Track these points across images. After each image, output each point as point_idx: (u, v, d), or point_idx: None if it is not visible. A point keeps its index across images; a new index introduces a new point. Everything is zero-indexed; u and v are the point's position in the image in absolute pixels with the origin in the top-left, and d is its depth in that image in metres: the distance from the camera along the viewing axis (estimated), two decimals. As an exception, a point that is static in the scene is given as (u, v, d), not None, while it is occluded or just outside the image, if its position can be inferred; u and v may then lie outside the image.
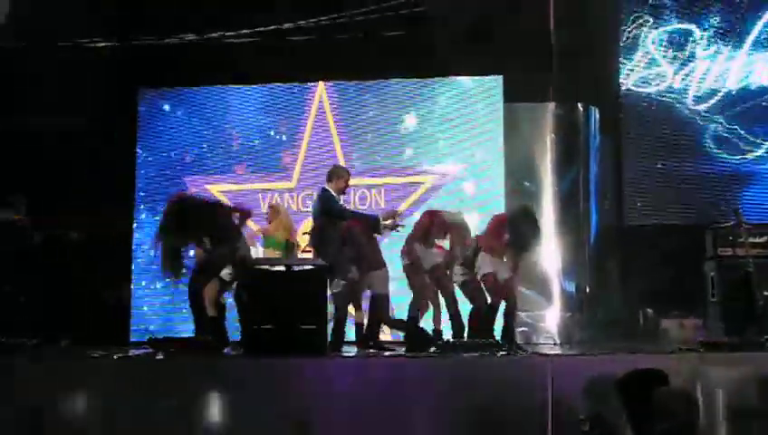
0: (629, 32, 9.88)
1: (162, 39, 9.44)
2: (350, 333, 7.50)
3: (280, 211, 8.40)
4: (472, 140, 9.30)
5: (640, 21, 9.89)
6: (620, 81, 9.84)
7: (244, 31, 9.38)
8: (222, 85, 9.91)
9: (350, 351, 7.08)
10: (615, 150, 9.81)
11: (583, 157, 9.35)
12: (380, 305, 7.14)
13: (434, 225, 7.25)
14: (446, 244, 7.35)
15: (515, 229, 7.23)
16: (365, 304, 7.39)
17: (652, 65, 9.84)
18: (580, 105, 9.36)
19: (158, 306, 9.60)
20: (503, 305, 7.21)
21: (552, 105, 9.23)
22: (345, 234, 7.08)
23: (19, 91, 9.27)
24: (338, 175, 7.53)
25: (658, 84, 9.81)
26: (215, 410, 5.69)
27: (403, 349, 7.05)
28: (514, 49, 9.03)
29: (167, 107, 9.97)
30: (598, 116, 9.50)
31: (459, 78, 9.44)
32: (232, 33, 9.44)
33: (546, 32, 9.18)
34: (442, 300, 7.24)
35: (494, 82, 9.26)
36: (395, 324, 7.56)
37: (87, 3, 9.30)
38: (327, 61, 9.51)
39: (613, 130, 9.78)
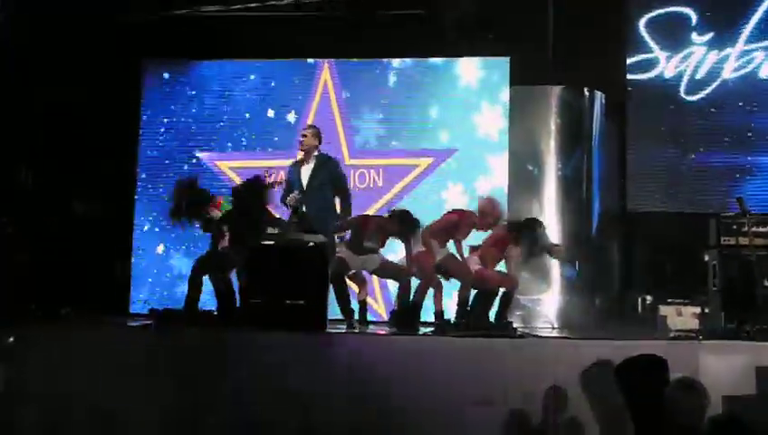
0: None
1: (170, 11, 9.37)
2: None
3: None
4: (476, 121, 9.25)
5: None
6: (627, 65, 9.78)
7: (254, 4, 9.30)
8: (227, 59, 9.85)
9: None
10: (620, 136, 9.77)
11: (587, 141, 9.31)
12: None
13: (460, 227, 7.21)
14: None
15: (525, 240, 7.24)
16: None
17: (649, 50, 9.77)
18: (585, 89, 9.32)
19: (157, 278, 9.62)
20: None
21: (557, 88, 9.19)
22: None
23: (21, 62, 9.22)
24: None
25: (660, 70, 9.75)
26: (211, 381, 5.71)
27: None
28: (521, 30, 8.99)
29: (169, 79, 9.91)
30: (603, 101, 9.45)
31: (465, 59, 9.37)
32: (239, 6, 9.37)
33: (555, 13, 9.14)
34: (443, 281, 7.25)
35: (501, 64, 9.20)
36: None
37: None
38: (333, 38, 9.45)
39: (618, 115, 9.74)
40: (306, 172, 7.45)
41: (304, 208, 7.30)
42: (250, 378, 5.67)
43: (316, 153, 7.56)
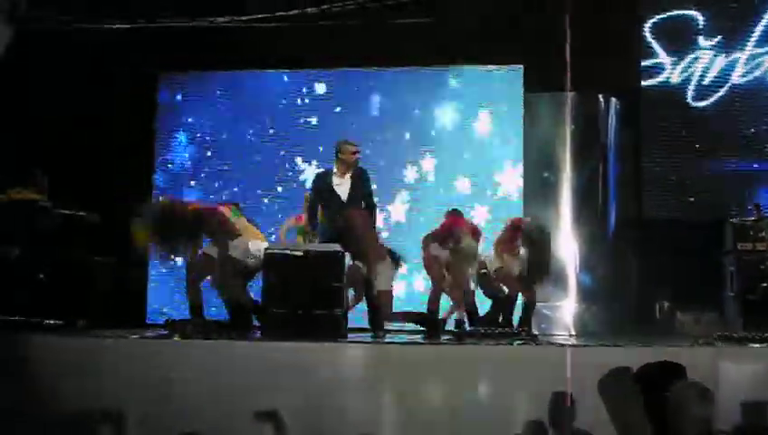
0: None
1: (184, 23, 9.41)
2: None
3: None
4: (492, 129, 9.26)
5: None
6: (641, 72, 9.76)
7: (264, 15, 9.33)
8: (241, 70, 9.91)
9: (366, 336, 7.10)
10: (635, 142, 9.75)
11: (602, 148, 9.30)
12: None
13: (453, 229, 7.22)
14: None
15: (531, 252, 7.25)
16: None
17: (657, 56, 9.76)
18: (600, 96, 9.30)
19: (173, 289, 9.65)
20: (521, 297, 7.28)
21: (572, 95, 9.18)
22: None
23: (38, 76, 9.30)
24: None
25: (667, 75, 9.73)
26: (229, 391, 5.71)
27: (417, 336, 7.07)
28: (536, 38, 8.99)
29: (185, 93, 9.98)
30: (618, 107, 9.43)
31: (480, 66, 9.39)
32: (249, 18, 9.40)
33: (569, 20, 9.12)
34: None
35: (516, 72, 9.21)
36: (400, 317, 7.58)
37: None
38: (345, 46, 9.49)
39: (633, 121, 9.71)
40: (345, 185, 7.35)
41: None
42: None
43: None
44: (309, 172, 9.39)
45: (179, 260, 7.51)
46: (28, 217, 7.50)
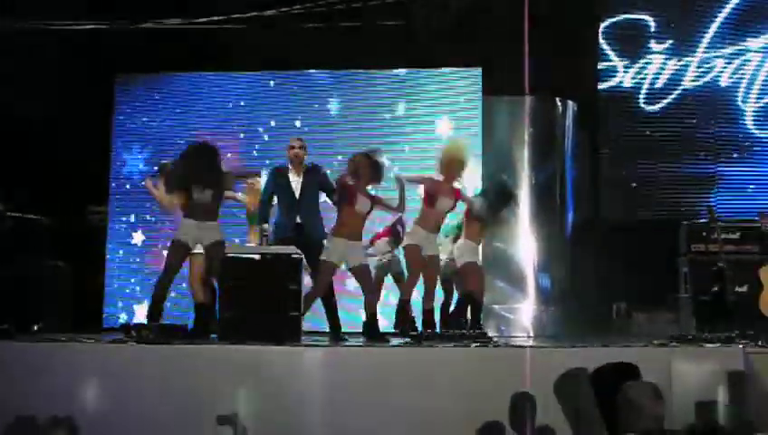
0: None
1: (139, 23, 9.33)
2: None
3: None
4: (450, 131, 9.29)
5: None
6: (598, 75, 9.89)
7: (234, 16, 9.28)
8: (202, 72, 9.84)
9: (323, 340, 7.08)
10: (592, 145, 9.87)
11: (560, 151, 9.39)
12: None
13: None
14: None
15: (489, 196, 7.23)
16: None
17: (610, 59, 9.89)
18: (557, 99, 9.40)
19: (128, 293, 9.56)
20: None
21: (529, 99, 9.26)
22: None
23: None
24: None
25: (620, 79, 9.87)
26: (181, 397, 5.66)
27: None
28: (494, 41, 9.06)
29: (143, 93, 9.88)
30: (575, 110, 9.53)
31: (439, 69, 9.43)
32: (216, 18, 9.34)
33: (526, 24, 9.19)
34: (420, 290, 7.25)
35: (474, 74, 9.26)
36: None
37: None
38: (314, 49, 9.48)
39: (590, 125, 9.83)
40: (296, 182, 7.43)
41: (298, 219, 7.32)
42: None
43: (304, 165, 7.55)
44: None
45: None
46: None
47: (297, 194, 7.38)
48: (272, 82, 9.77)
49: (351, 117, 9.53)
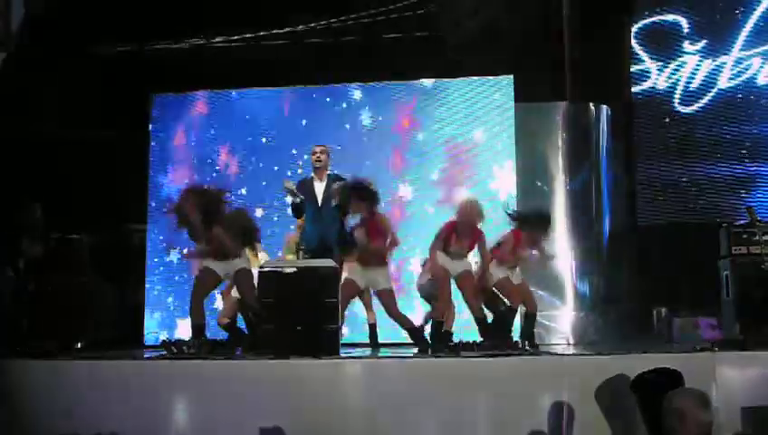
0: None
1: (175, 43, 9.46)
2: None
3: None
4: (484, 140, 9.26)
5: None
6: (632, 79, 9.82)
7: (261, 33, 9.37)
8: (234, 89, 9.91)
9: (363, 352, 7.08)
10: (627, 149, 9.78)
11: (595, 156, 9.32)
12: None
13: (454, 232, 7.18)
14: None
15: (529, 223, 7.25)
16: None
17: (643, 62, 9.80)
18: (591, 104, 9.33)
19: (168, 310, 9.64)
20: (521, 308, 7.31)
21: (563, 104, 9.21)
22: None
23: (32, 98, 9.33)
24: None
25: (653, 81, 9.78)
26: (225, 410, 5.69)
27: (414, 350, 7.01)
28: (525, 48, 9.03)
29: (178, 112, 9.98)
30: (609, 115, 9.46)
31: (470, 78, 9.40)
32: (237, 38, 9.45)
33: (558, 30, 9.18)
34: (456, 303, 7.26)
35: (506, 82, 9.22)
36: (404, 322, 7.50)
37: (98, 9, 9.35)
38: (340, 62, 9.52)
39: (625, 129, 9.75)
40: (320, 189, 7.55)
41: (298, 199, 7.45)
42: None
43: (328, 172, 7.64)
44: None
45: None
46: (21, 244, 7.51)
47: (320, 201, 7.46)
48: (314, 95, 9.76)
49: (381, 129, 9.50)
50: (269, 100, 9.85)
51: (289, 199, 7.71)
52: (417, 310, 8.14)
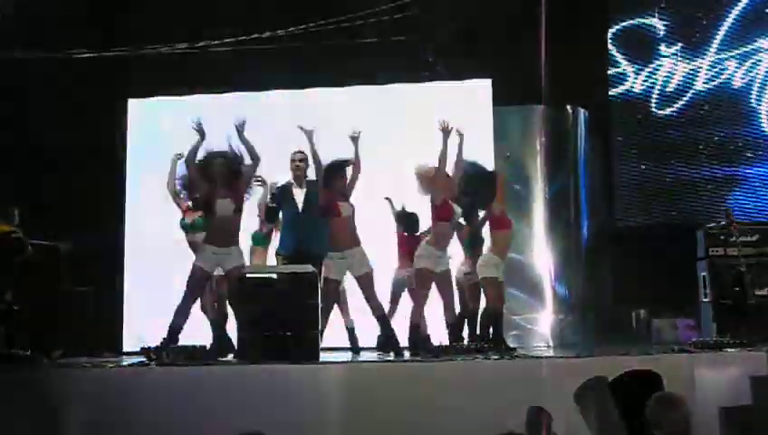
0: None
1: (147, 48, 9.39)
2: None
3: None
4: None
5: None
6: (609, 82, 9.87)
7: (241, 38, 9.31)
8: (208, 93, 9.84)
9: (340, 357, 7.06)
10: (604, 152, 9.83)
11: (573, 158, 9.36)
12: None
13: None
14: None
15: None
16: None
17: (620, 65, 9.86)
18: (569, 107, 9.37)
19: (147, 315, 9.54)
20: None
21: (540, 107, 9.23)
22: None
23: (8, 104, 9.25)
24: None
25: (630, 84, 9.84)
26: (204, 417, 5.67)
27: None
28: (502, 51, 9.04)
29: (155, 117, 9.90)
30: (587, 118, 9.50)
31: (447, 81, 9.40)
32: (217, 42, 9.39)
33: (535, 33, 9.19)
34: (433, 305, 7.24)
35: (483, 85, 9.22)
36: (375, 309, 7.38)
37: (73, 14, 9.29)
38: (317, 66, 9.49)
39: (602, 131, 9.80)
40: (300, 196, 7.51)
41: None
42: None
43: (306, 178, 7.62)
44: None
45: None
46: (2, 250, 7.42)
47: (300, 208, 7.43)
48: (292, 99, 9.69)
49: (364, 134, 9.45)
50: (250, 103, 9.80)
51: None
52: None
